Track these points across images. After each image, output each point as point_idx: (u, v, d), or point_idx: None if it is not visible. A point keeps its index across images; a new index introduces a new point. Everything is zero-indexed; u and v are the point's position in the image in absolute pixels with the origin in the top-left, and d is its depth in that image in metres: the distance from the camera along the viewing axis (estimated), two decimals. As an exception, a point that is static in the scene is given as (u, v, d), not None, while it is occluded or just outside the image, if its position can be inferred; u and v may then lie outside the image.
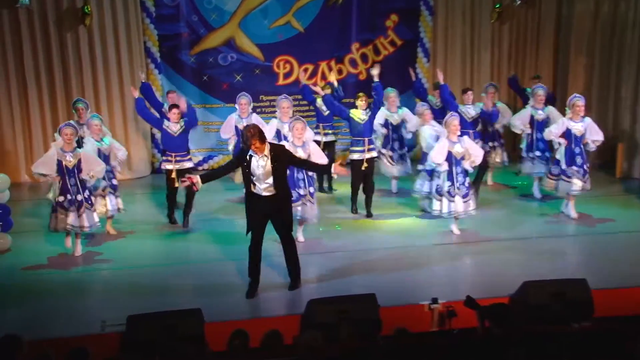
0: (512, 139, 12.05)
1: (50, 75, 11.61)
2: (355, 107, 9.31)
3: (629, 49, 11.77)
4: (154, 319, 5.51)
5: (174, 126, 8.93)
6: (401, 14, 12.92)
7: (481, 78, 12.94)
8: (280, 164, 6.62)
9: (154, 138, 12.25)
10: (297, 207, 7.89)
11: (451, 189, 8.37)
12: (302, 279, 7.05)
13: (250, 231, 6.77)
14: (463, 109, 9.99)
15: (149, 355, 5.02)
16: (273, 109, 12.25)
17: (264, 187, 6.62)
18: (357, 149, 9.27)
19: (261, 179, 6.59)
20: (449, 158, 8.37)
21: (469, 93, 10.29)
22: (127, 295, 6.90)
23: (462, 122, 9.29)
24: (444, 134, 8.61)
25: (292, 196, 7.21)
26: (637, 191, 10.65)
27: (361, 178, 9.33)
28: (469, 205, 8.48)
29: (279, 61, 12.66)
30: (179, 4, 12.09)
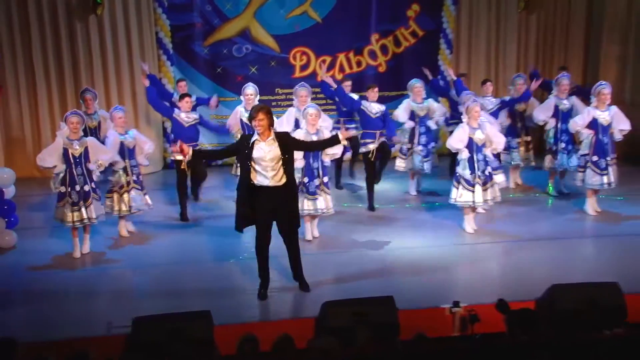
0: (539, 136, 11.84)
1: (59, 67, 11.62)
2: (366, 99, 9.28)
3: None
4: (161, 321, 5.43)
5: (185, 116, 8.99)
6: (423, 3, 12.78)
7: (507, 70, 12.78)
8: (288, 150, 6.40)
9: (165, 132, 12.21)
10: (313, 199, 7.90)
11: (471, 177, 8.27)
12: (316, 280, 6.96)
13: (256, 229, 6.56)
14: (481, 100, 9.71)
15: (153, 358, 4.94)
16: (289, 102, 12.15)
17: (270, 176, 6.33)
18: (369, 141, 9.29)
19: (268, 168, 6.32)
20: (470, 145, 8.28)
21: (487, 84, 10.16)
22: (135, 296, 6.84)
23: None
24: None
25: (298, 188, 7.10)
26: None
27: (374, 171, 9.37)
28: (488, 195, 8.35)
29: (295, 53, 12.59)
30: (193, -7, 12.04)
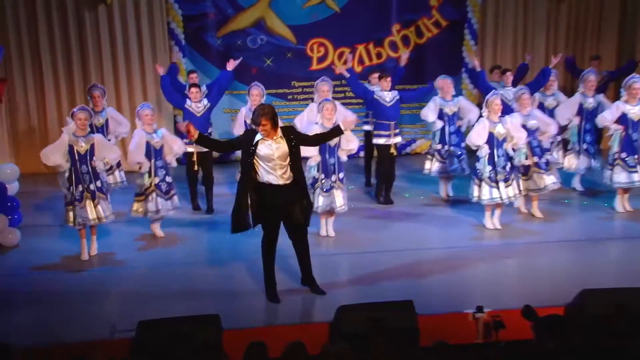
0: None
1: (67, 59, 11.66)
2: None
3: None
4: (168, 324, 5.39)
5: (196, 106, 9.12)
6: (447, -8, 12.63)
7: (535, 62, 12.56)
8: (296, 146, 6.33)
9: (176, 125, 12.12)
10: (329, 195, 7.94)
11: (492, 173, 8.19)
12: (331, 282, 6.88)
13: (264, 229, 6.48)
14: (503, 92, 9.52)
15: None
16: (306, 95, 12.09)
17: (279, 174, 6.27)
18: (382, 133, 9.30)
19: (277, 166, 6.25)
20: (490, 140, 8.18)
21: (507, 74, 9.99)
22: (141, 298, 6.75)
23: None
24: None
25: (313, 184, 7.13)
26: None
27: (387, 165, 9.39)
28: (509, 192, 8.26)
29: (312, 44, 12.50)
30: (205, -19, 11.97)
